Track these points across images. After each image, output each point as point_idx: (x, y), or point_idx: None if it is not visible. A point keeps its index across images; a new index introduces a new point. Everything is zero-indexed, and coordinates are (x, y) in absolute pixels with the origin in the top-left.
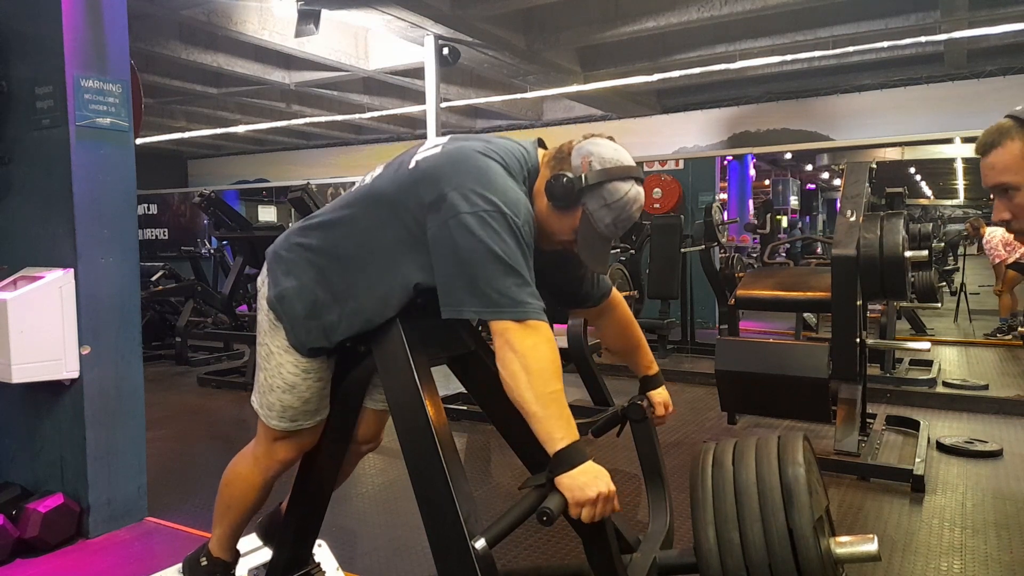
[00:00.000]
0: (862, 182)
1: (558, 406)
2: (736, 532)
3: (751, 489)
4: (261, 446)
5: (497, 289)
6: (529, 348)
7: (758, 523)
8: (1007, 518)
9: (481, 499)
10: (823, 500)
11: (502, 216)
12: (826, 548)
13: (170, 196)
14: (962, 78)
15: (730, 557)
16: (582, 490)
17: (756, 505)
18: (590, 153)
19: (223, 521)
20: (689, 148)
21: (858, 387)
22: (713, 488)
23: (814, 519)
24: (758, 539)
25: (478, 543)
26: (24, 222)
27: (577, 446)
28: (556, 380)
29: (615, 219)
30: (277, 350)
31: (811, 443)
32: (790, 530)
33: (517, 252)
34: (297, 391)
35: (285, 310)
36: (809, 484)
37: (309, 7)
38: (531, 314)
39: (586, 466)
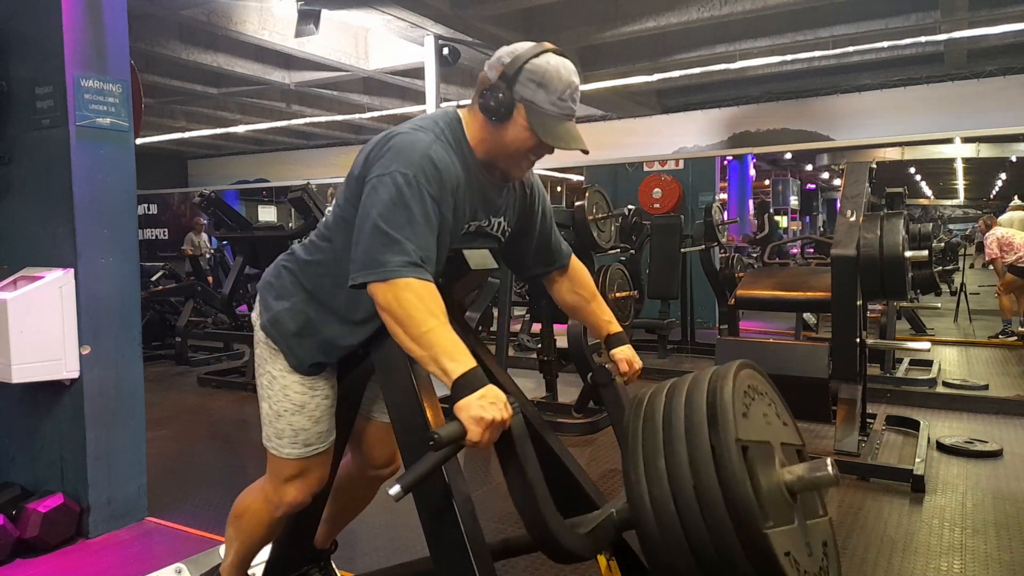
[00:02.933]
0: (862, 182)
1: (440, 341)
2: (661, 460)
3: (678, 413)
4: (271, 485)
5: (367, 253)
6: (391, 300)
7: (682, 445)
8: (1007, 518)
9: (480, 499)
10: (780, 433)
11: (388, 176)
12: (771, 477)
13: (170, 196)
14: (962, 78)
15: (656, 485)
16: (479, 411)
17: (681, 427)
18: (498, 56)
19: (232, 549)
20: (689, 148)
21: (858, 387)
22: (644, 419)
23: (737, 434)
24: (682, 461)
25: (391, 489)
26: (24, 222)
27: (474, 372)
28: (429, 318)
29: (556, 92)
30: (280, 374)
31: (765, 375)
32: (713, 448)
33: (395, 209)
34: (307, 410)
35: (280, 332)
36: (735, 403)
37: (309, 7)
38: (389, 273)
39: (484, 390)
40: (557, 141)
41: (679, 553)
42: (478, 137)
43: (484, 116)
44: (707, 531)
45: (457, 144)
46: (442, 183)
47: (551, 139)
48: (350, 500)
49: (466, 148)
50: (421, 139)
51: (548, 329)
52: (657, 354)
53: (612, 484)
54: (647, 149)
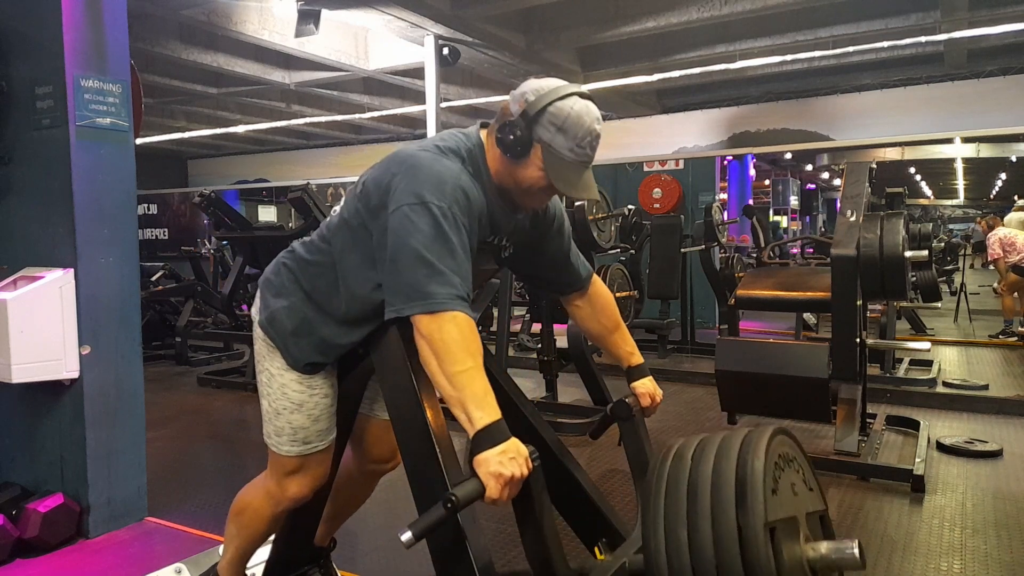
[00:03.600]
0: (862, 182)
1: (471, 385)
2: (684, 531)
3: (705, 484)
4: (272, 480)
5: (410, 284)
6: (434, 331)
7: (707, 521)
8: (1007, 518)
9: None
10: (806, 502)
11: (422, 206)
12: (794, 553)
13: (170, 196)
14: (962, 78)
15: (676, 557)
16: (498, 468)
17: (708, 502)
18: (523, 92)
19: (231, 546)
20: (689, 148)
21: (858, 387)
22: (668, 483)
23: (766, 517)
24: (706, 538)
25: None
26: (24, 222)
27: (498, 425)
28: (467, 358)
29: (575, 139)
30: (278, 371)
31: (795, 439)
32: (740, 529)
33: (435, 239)
34: (305, 408)
35: (277, 330)
36: (767, 480)
37: (309, 7)
38: (438, 305)
39: (506, 445)
40: (569, 189)
41: None
42: (494, 165)
43: (500, 149)
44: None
45: (478, 170)
46: (471, 214)
47: (563, 185)
48: (349, 496)
49: (485, 174)
50: (450, 168)
51: (548, 329)
52: (657, 354)
53: (612, 484)
54: (647, 149)
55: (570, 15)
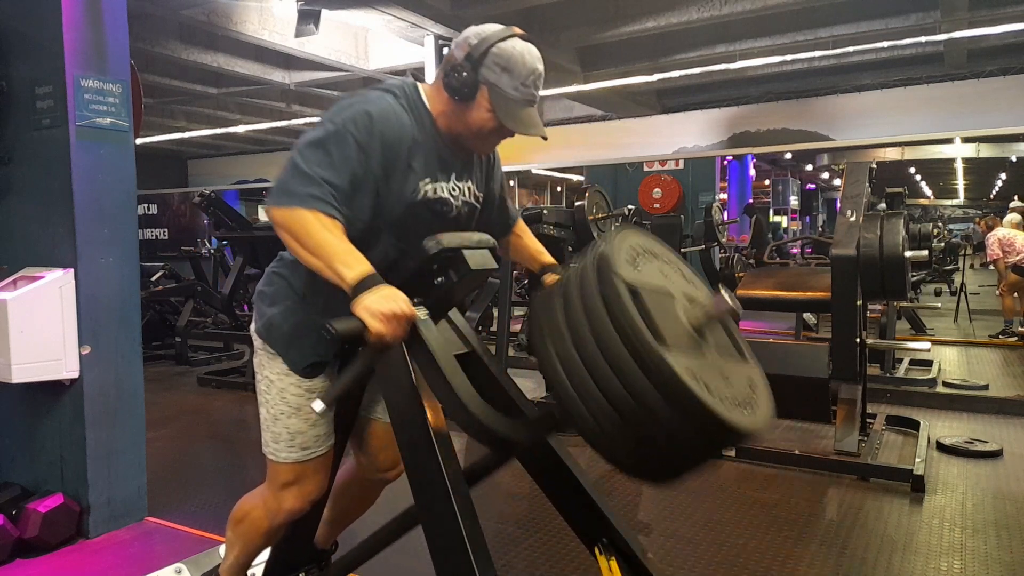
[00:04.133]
0: (862, 182)
1: (335, 249)
2: (561, 316)
3: (574, 280)
4: (270, 492)
5: (280, 183)
6: (289, 217)
7: (577, 299)
8: (1007, 518)
9: (480, 500)
10: (684, 288)
11: (318, 128)
12: (674, 317)
13: (170, 196)
14: (962, 78)
15: (560, 344)
16: (377, 305)
17: (576, 288)
18: (465, 37)
19: (231, 553)
20: (689, 148)
21: (858, 387)
22: (545, 295)
23: (619, 273)
24: (578, 312)
25: (315, 405)
26: (24, 222)
27: (372, 276)
28: (323, 230)
29: (520, 78)
30: (277, 377)
31: (667, 247)
32: (604, 297)
33: (313, 150)
34: (303, 412)
35: (274, 336)
36: (618, 252)
37: (309, 7)
38: (298, 202)
39: (384, 289)
40: (518, 126)
41: (597, 405)
42: (440, 110)
43: (447, 94)
44: (610, 369)
45: (412, 106)
46: (373, 132)
47: (512, 123)
48: (353, 502)
49: (424, 112)
50: (364, 96)
51: None
52: None
53: (612, 484)
54: (647, 149)
55: (570, 15)
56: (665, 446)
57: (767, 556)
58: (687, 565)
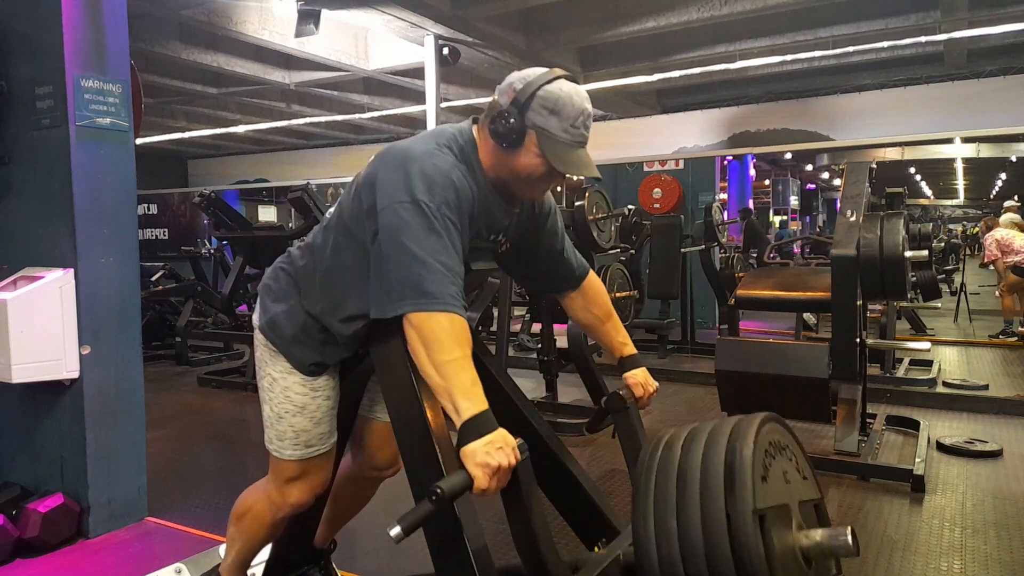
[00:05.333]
0: (862, 182)
1: (460, 375)
2: (673, 519)
3: (694, 472)
4: (274, 486)
5: (403, 282)
6: (424, 320)
7: (696, 509)
8: (1007, 518)
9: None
10: (799, 490)
11: (413, 204)
12: (786, 541)
13: (170, 196)
14: (962, 78)
15: (666, 546)
16: (485, 458)
17: (696, 489)
18: (510, 83)
19: (233, 549)
20: (689, 148)
21: (858, 387)
22: (657, 472)
23: (755, 504)
24: (695, 527)
25: (392, 530)
26: (24, 222)
27: (484, 415)
28: (456, 348)
29: (568, 119)
30: (280, 375)
31: (787, 426)
32: (728, 516)
33: (428, 237)
34: (308, 411)
35: (278, 334)
36: (756, 466)
37: (309, 7)
38: (434, 304)
39: (493, 435)
40: (570, 168)
41: None
42: (489, 160)
43: (494, 141)
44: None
45: (470, 165)
46: (462, 211)
47: (563, 166)
48: (350, 500)
49: (478, 168)
50: (441, 164)
51: (548, 329)
52: (657, 354)
53: (612, 484)
54: (647, 149)
55: (570, 15)
56: None
57: None
58: None
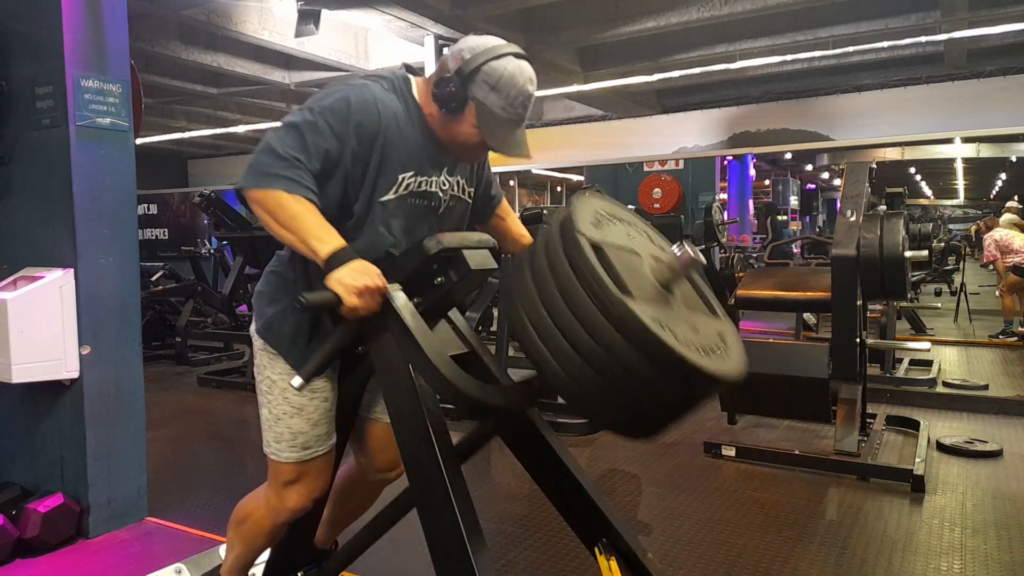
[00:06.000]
0: (862, 182)
1: (309, 224)
2: (530, 278)
3: (540, 247)
4: (272, 491)
5: (255, 164)
6: (264, 194)
7: (543, 259)
8: (1007, 518)
9: (480, 500)
10: (651, 249)
11: (300, 113)
12: (640, 273)
13: (170, 196)
14: (962, 78)
15: (532, 309)
16: (349, 279)
17: (543, 249)
18: (460, 49)
19: (232, 554)
20: (689, 148)
21: (858, 387)
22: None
23: (582, 232)
24: (545, 273)
25: (294, 381)
26: (24, 222)
27: (344, 250)
28: (297, 205)
29: (507, 98)
30: (279, 377)
31: (639, 216)
32: (568, 255)
33: (288, 134)
34: (305, 413)
35: (275, 335)
36: (583, 213)
37: (309, 7)
38: (276, 184)
39: (355, 263)
40: (500, 145)
41: (569, 361)
42: (430, 111)
43: (436, 103)
44: (579, 324)
45: (401, 97)
46: (349, 121)
47: (494, 142)
48: (353, 503)
49: (412, 105)
50: (347, 84)
51: None
52: None
53: (612, 484)
54: (647, 149)
55: (570, 15)
56: (640, 397)
57: (767, 556)
58: (687, 565)
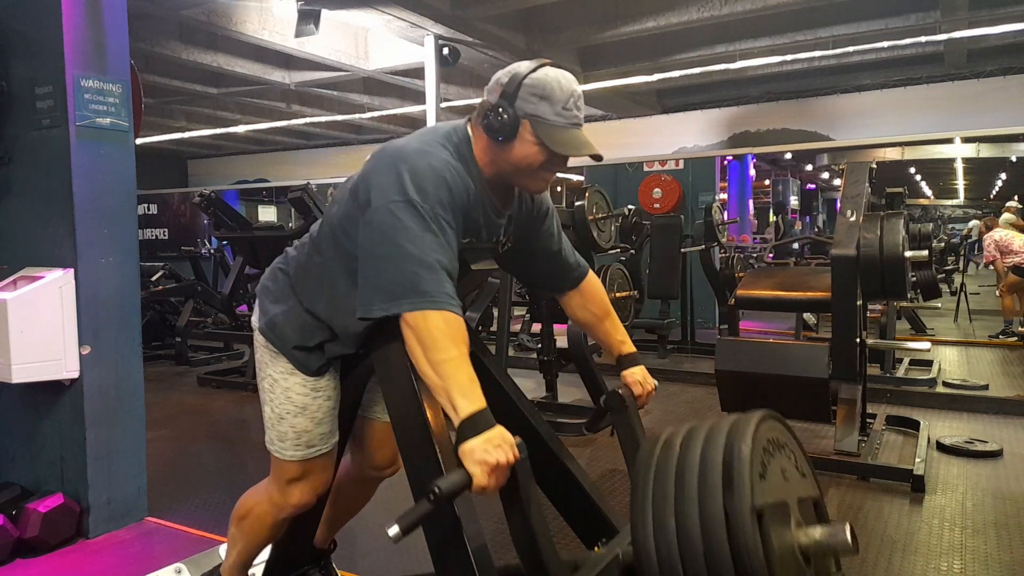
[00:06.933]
0: (862, 182)
1: (457, 374)
2: (671, 517)
3: (692, 470)
4: (275, 487)
5: (399, 281)
6: (420, 319)
7: (694, 506)
8: (1007, 518)
9: (480, 500)
10: (797, 487)
11: (407, 204)
12: (785, 538)
13: (170, 196)
14: (962, 78)
15: (664, 544)
16: (483, 455)
17: (695, 487)
18: (496, 79)
19: (234, 550)
20: (689, 148)
21: (858, 387)
22: (655, 469)
23: (754, 501)
24: (693, 524)
25: (391, 530)
26: (24, 222)
27: (483, 414)
28: (452, 347)
29: (560, 103)
30: (281, 376)
31: (786, 424)
32: (726, 513)
33: (423, 236)
34: (309, 412)
35: (278, 335)
36: (754, 463)
37: (309, 7)
38: (431, 303)
39: (491, 432)
40: (568, 149)
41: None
42: (485, 157)
43: (489, 137)
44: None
45: (465, 162)
46: (455, 208)
47: (560, 148)
48: (350, 501)
49: (474, 166)
50: (433, 163)
51: (548, 329)
52: (657, 354)
53: (612, 484)
54: (647, 149)
55: (570, 15)
56: None
57: None
58: None
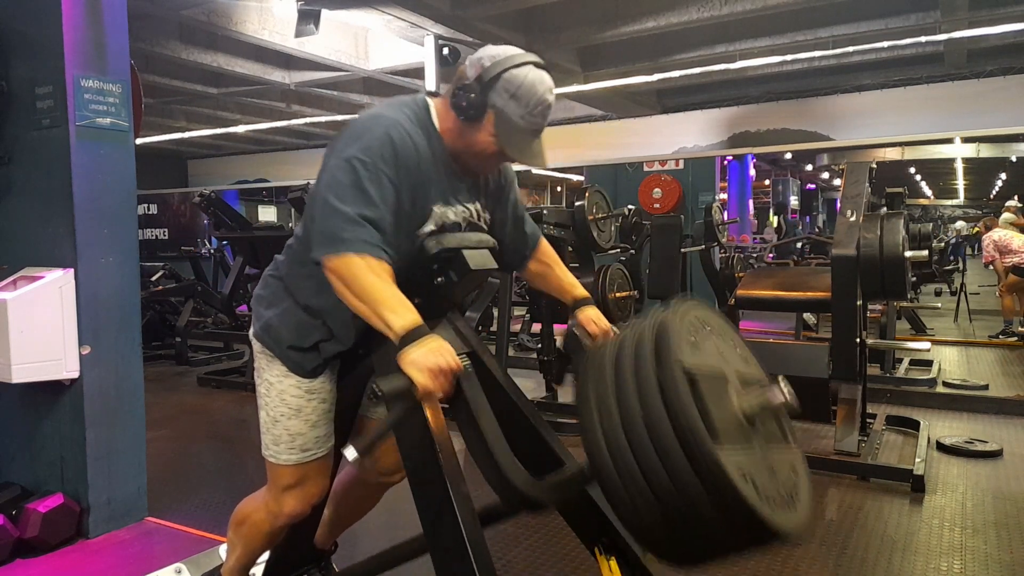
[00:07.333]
0: (862, 182)
1: (383, 296)
2: (612, 396)
3: (628, 350)
4: (271, 495)
5: (323, 231)
6: (339, 262)
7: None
8: (1007, 518)
9: (479, 500)
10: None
11: (346, 163)
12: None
13: (170, 196)
14: (962, 78)
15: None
16: (424, 360)
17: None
18: (479, 57)
19: (233, 554)
20: (689, 148)
21: (858, 387)
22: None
23: (681, 361)
24: (631, 394)
25: (348, 452)
26: (24, 222)
27: (419, 328)
28: (372, 276)
29: (527, 107)
30: (276, 379)
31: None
32: (659, 380)
33: (353, 191)
34: (303, 414)
35: (273, 337)
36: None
37: (309, 7)
38: (345, 247)
39: (430, 342)
40: (518, 155)
41: (636, 488)
42: (446, 127)
43: (454, 112)
44: (658, 459)
45: (424, 126)
46: (399, 164)
47: (512, 151)
48: (354, 505)
49: (433, 133)
50: (382, 121)
51: (548, 329)
52: None
53: None
54: (647, 149)
55: (570, 15)
56: (699, 536)
57: (767, 556)
58: None
